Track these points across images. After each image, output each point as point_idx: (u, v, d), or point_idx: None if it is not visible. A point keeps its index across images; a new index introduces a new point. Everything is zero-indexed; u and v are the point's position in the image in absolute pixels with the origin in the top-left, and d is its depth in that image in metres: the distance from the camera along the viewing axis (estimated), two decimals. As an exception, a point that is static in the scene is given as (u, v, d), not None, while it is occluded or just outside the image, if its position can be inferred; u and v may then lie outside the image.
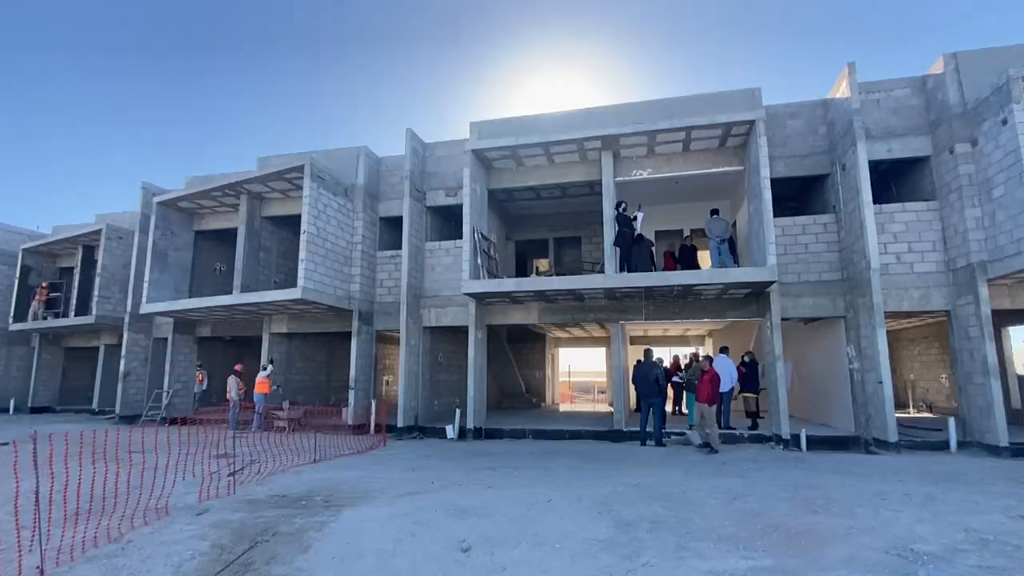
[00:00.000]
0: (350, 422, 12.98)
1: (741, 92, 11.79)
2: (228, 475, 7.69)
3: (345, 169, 14.03)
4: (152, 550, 4.88)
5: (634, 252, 11.07)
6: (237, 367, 14.45)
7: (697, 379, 10.38)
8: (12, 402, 19.92)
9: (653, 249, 12.39)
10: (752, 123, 10.66)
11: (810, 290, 11.14)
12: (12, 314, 19.27)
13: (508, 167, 13.09)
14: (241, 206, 14.76)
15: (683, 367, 14.20)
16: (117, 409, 16.39)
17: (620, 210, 11.30)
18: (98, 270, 17.56)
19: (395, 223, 14.40)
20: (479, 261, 11.82)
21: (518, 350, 19.71)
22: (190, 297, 15.15)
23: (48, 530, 4.89)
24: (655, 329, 18.52)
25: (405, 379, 12.82)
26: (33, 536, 4.66)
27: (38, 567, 4.30)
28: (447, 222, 14.81)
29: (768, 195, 10.14)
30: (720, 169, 11.75)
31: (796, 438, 10.29)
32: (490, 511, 5.93)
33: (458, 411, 12.56)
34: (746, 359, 12.11)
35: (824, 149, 11.56)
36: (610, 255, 11.06)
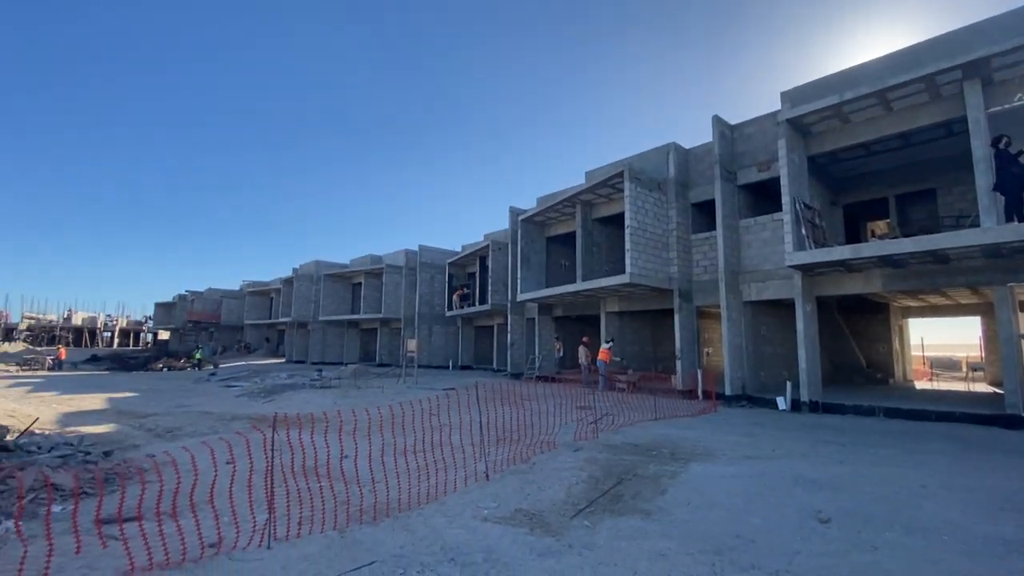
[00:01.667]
0: (680, 387, 12.83)
1: None
2: (591, 423, 8.51)
3: (656, 166, 13.90)
4: (548, 473, 5.75)
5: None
6: (584, 339, 15.92)
7: None
8: (450, 362, 26.67)
9: None
10: None
11: None
12: (446, 306, 25.82)
13: (830, 128, 10.76)
14: (576, 214, 16.23)
15: None
16: (508, 368, 20.00)
17: (1001, 147, 7.98)
18: (489, 273, 21.78)
19: (705, 206, 13.55)
20: (803, 231, 10.08)
21: (854, 322, 16.06)
22: (547, 287, 17.38)
23: (487, 449, 6.23)
24: (1068, 291, 12.51)
25: (729, 351, 11.94)
26: (480, 452, 6.08)
27: (485, 472, 5.60)
28: (760, 198, 13.12)
29: None
30: None
31: None
32: (846, 486, 5.00)
33: (788, 383, 11.00)
34: None
35: None
36: (988, 204, 7.93)
